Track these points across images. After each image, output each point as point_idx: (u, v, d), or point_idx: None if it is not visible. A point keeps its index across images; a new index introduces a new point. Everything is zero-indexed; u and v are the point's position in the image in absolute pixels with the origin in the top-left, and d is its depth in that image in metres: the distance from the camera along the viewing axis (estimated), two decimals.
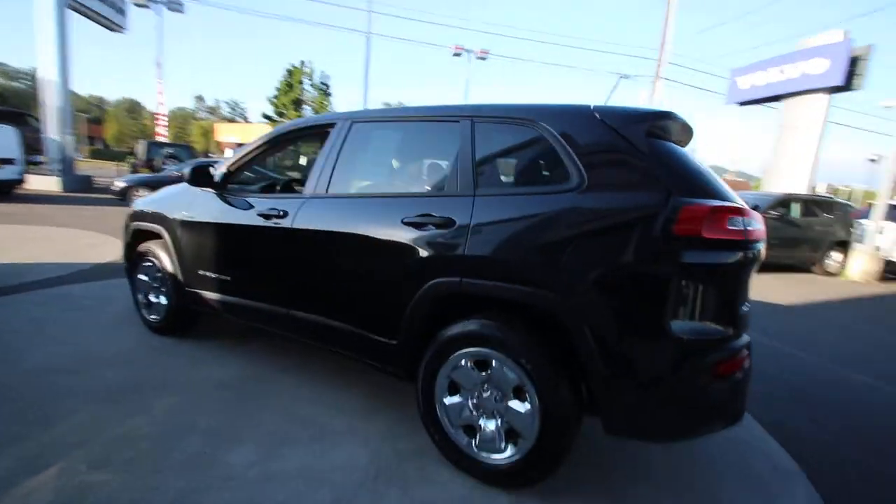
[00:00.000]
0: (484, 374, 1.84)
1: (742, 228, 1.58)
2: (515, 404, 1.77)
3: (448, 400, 1.94)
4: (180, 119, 71.37)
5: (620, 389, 1.59)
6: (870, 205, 10.48)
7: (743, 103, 17.52)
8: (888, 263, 9.24)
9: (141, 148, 17.34)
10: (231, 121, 63.74)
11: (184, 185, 3.35)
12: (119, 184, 10.71)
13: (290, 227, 2.34)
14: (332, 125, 2.48)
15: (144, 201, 3.42)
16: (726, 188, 1.74)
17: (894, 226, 9.29)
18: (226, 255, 2.72)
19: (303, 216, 2.33)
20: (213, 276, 2.77)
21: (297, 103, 26.76)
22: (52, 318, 3.41)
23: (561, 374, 1.68)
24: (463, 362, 1.88)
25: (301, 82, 26.54)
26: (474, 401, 1.89)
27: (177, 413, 2.26)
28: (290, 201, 2.48)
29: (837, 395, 3.34)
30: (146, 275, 3.25)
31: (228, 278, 2.71)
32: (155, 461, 1.88)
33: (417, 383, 2.02)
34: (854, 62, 13.43)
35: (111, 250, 5.88)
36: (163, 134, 22.40)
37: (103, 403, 2.29)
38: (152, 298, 3.24)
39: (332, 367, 2.89)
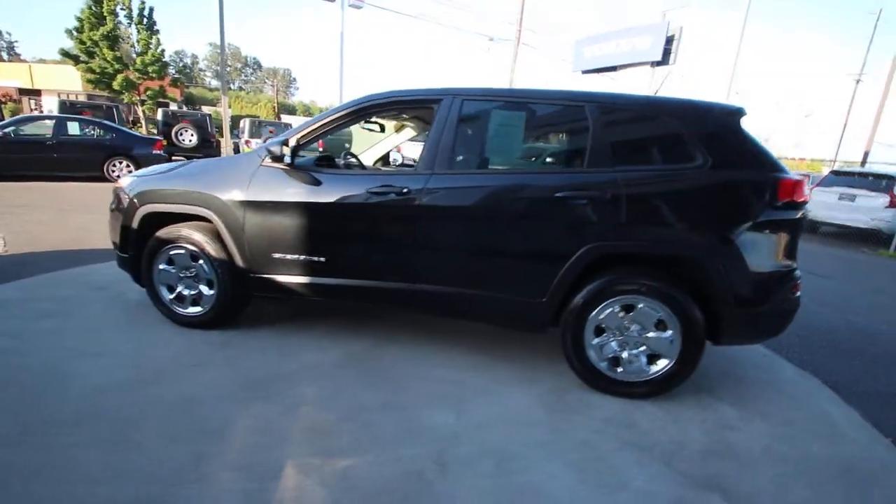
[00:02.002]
0: (630, 314, 2.34)
1: (806, 193, 2.33)
2: (658, 334, 2.32)
3: (595, 340, 2.40)
4: None
5: (743, 309, 2.25)
6: None
7: (586, 72, 20.16)
8: None
9: None
10: None
11: (218, 160, 2.96)
12: None
13: (422, 203, 2.40)
14: (436, 101, 2.53)
15: (152, 181, 2.88)
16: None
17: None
18: (320, 236, 2.60)
19: (434, 192, 2.41)
20: (300, 258, 2.63)
21: (113, 39, 21.50)
22: (35, 328, 2.75)
23: (695, 306, 2.27)
24: (612, 308, 2.34)
25: (115, 13, 21.23)
26: (620, 337, 2.38)
27: (333, 396, 2.26)
28: (405, 178, 2.51)
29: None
30: (174, 265, 2.83)
31: (323, 259, 2.61)
32: (378, 439, 1.95)
33: (566, 331, 2.41)
34: (669, 41, 16.59)
35: None
36: None
37: (250, 403, 2.14)
38: (186, 291, 2.86)
39: (428, 335, 3.04)
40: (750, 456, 2.05)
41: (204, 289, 2.83)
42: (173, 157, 12.77)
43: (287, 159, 2.53)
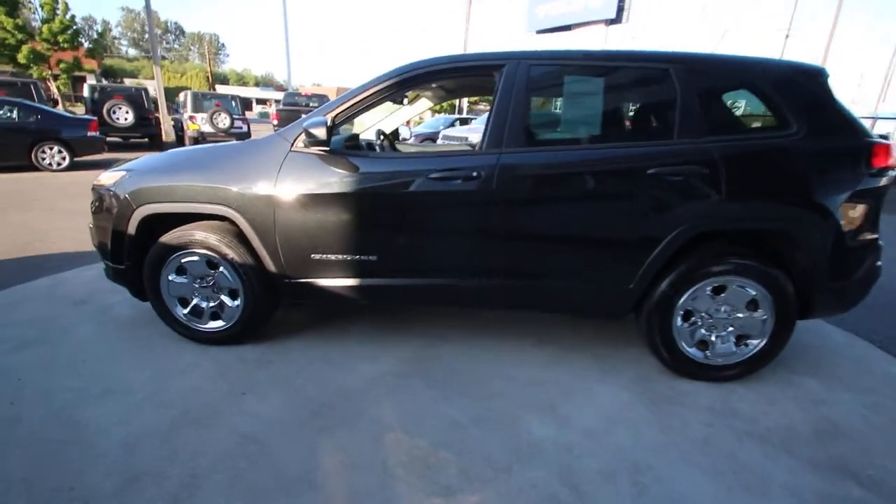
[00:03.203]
0: (720, 296, 2.20)
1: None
2: (749, 314, 2.20)
3: (683, 326, 2.25)
4: None
5: (835, 282, 2.16)
6: None
7: (540, 31, 19.78)
8: None
9: None
10: None
11: (230, 146, 2.48)
12: None
13: (494, 187, 2.10)
14: (498, 67, 2.19)
15: (148, 175, 2.37)
16: None
17: None
18: (370, 232, 2.24)
19: (507, 174, 2.11)
20: (346, 258, 2.27)
21: (11, 5, 18.50)
22: (16, 364, 2.25)
23: (789, 283, 2.15)
24: (703, 291, 2.18)
25: None
26: (710, 320, 2.24)
27: (415, 414, 1.98)
28: (469, 158, 2.18)
29: None
30: (186, 274, 2.38)
31: (375, 258, 2.26)
32: (490, 464, 1.71)
33: (651, 318, 2.24)
34: None
35: None
36: None
37: (325, 434, 1.83)
38: (204, 303, 2.43)
39: (478, 329, 2.78)
40: (856, 431, 2.00)
41: (226, 300, 2.41)
42: (108, 139, 11.41)
43: (327, 145, 2.13)
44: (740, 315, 2.21)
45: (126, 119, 11.90)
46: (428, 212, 2.21)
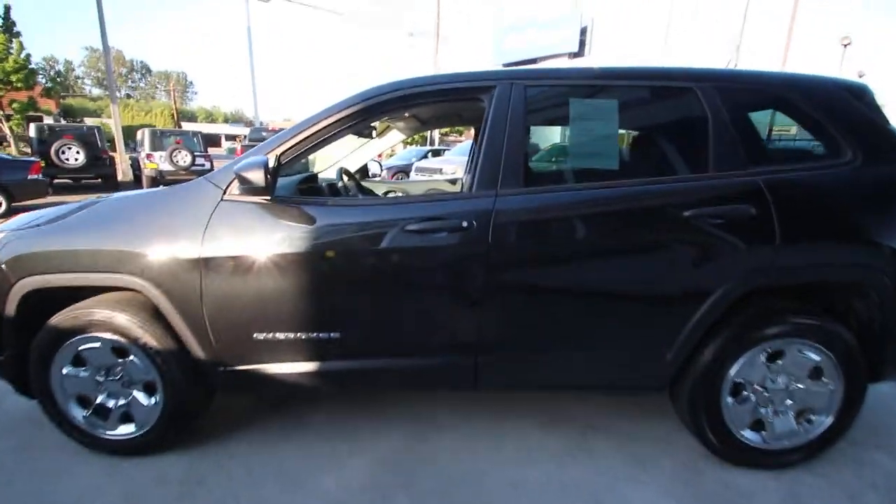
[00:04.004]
0: (777, 363, 1.75)
1: None
2: (813, 384, 1.76)
3: (733, 402, 1.78)
4: None
5: None
6: None
7: (507, 64, 20.08)
8: None
9: None
10: None
11: (143, 195, 1.95)
12: None
13: (492, 239, 1.62)
14: (486, 89, 1.76)
15: (34, 237, 1.80)
16: None
17: None
18: (332, 302, 1.72)
19: (507, 222, 1.64)
20: (301, 336, 1.73)
21: None
22: None
23: (857, 343, 1.73)
24: (756, 359, 1.73)
25: None
26: (766, 394, 1.78)
27: None
28: (456, 204, 1.71)
29: None
30: (86, 366, 1.79)
31: (338, 335, 1.73)
32: None
33: (694, 395, 1.77)
34: (584, 31, 16.86)
35: None
36: None
37: None
38: (110, 402, 1.83)
39: (469, 406, 2.25)
40: None
41: (140, 396, 1.82)
42: (55, 181, 10.58)
43: (268, 192, 1.62)
44: (801, 386, 1.77)
45: (76, 159, 11.10)
46: (405, 274, 1.71)
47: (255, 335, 1.73)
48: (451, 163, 11.15)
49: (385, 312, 1.73)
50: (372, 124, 2.73)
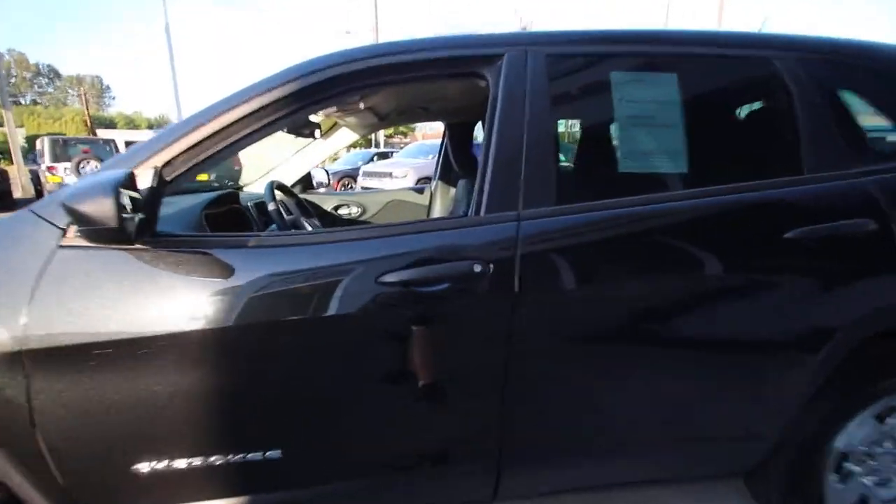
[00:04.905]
0: (885, 424, 1.31)
1: None
2: None
3: (835, 480, 1.32)
4: None
5: None
6: None
7: None
8: None
9: None
10: None
11: None
12: None
13: (517, 289, 1.03)
14: (492, 58, 1.16)
15: None
16: None
17: None
18: (267, 402, 1.06)
19: (541, 260, 1.07)
20: (216, 461, 1.05)
21: None
22: None
23: None
24: (867, 420, 1.28)
25: None
26: (873, 463, 1.34)
27: None
28: (459, 235, 1.10)
29: None
30: None
31: (278, 453, 1.07)
32: None
33: (796, 477, 1.30)
34: None
35: None
36: None
37: None
38: None
39: None
40: None
41: None
42: None
43: (125, 233, 0.93)
44: None
45: None
46: (380, 354, 1.08)
47: (132, 466, 1.04)
48: (401, 165, 10.48)
49: (350, 413, 1.10)
50: (311, 118, 2.07)
